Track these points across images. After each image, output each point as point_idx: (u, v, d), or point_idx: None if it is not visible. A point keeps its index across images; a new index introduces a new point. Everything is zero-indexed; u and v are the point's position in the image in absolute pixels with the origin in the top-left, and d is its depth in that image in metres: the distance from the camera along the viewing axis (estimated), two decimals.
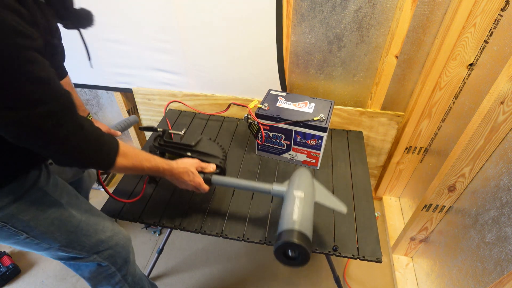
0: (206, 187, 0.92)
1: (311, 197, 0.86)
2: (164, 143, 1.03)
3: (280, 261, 0.81)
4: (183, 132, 1.11)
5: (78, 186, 1.13)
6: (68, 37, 0.88)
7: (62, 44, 0.88)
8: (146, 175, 1.12)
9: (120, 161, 0.73)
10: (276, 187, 0.90)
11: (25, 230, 0.75)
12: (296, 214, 0.79)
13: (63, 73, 0.98)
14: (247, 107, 1.12)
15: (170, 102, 1.46)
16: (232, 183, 0.95)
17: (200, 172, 0.93)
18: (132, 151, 0.76)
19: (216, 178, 0.94)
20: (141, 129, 1.11)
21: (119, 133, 1.10)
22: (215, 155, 1.01)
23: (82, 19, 0.77)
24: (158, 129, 1.06)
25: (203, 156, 0.99)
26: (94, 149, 0.68)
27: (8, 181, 0.71)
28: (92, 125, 0.69)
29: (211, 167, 0.95)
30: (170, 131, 1.09)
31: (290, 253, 0.78)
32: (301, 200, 0.83)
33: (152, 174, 0.85)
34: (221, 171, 0.99)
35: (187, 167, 0.88)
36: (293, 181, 0.90)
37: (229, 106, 1.21)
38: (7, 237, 0.76)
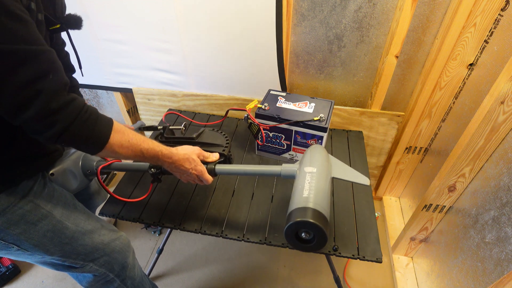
0: (209, 177, 0.88)
1: (326, 172, 0.79)
2: (166, 140, 1.03)
3: (293, 246, 0.74)
4: (183, 125, 1.10)
5: (87, 205, 1.06)
6: (66, 39, 0.88)
7: (67, 52, 0.87)
8: (147, 174, 1.06)
9: (116, 136, 0.67)
10: (286, 167, 0.84)
11: (16, 243, 0.73)
12: (307, 190, 0.72)
13: (75, 85, 0.95)
14: (245, 110, 1.12)
15: (167, 114, 1.46)
16: (238, 171, 0.90)
17: (203, 162, 0.88)
18: (127, 129, 0.72)
19: (220, 167, 0.89)
20: (141, 129, 1.11)
21: None
22: (219, 144, 0.96)
23: (72, 24, 0.73)
24: (159, 127, 1.06)
25: (206, 146, 0.95)
26: (86, 120, 0.63)
27: None
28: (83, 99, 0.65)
29: (214, 156, 0.91)
30: (171, 127, 1.09)
31: (304, 235, 0.71)
32: (312, 176, 0.76)
33: (150, 160, 0.79)
34: (226, 159, 0.94)
35: (188, 154, 0.84)
36: (305, 158, 0.84)
37: (227, 112, 1.20)
38: None
